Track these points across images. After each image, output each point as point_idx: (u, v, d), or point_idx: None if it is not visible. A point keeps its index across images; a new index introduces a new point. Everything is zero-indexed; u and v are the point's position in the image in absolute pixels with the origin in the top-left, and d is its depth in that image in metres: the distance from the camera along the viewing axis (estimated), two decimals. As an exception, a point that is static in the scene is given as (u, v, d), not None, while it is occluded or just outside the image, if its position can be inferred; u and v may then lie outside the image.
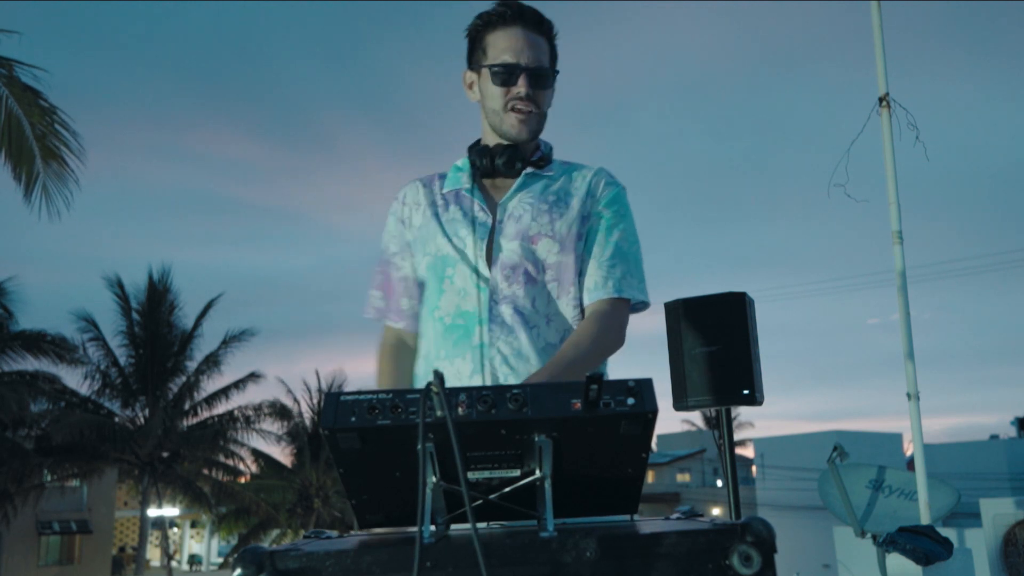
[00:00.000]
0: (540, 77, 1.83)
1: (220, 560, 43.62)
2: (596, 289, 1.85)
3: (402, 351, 1.95)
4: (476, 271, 1.83)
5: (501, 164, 1.87)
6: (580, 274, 1.87)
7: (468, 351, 1.79)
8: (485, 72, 1.85)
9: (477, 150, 1.91)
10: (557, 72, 1.90)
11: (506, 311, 1.80)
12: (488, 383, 1.75)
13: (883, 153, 4.30)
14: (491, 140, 1.91)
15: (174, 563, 40.15)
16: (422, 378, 1.90)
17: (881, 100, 4.27)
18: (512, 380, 1.75)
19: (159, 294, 24.30)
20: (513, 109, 1.84)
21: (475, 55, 1.89)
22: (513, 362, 1.77)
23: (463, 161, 1.96)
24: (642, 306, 1.92)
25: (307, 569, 1.05)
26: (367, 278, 2.04)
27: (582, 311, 1.87)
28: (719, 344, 3.47)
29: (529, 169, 1.90)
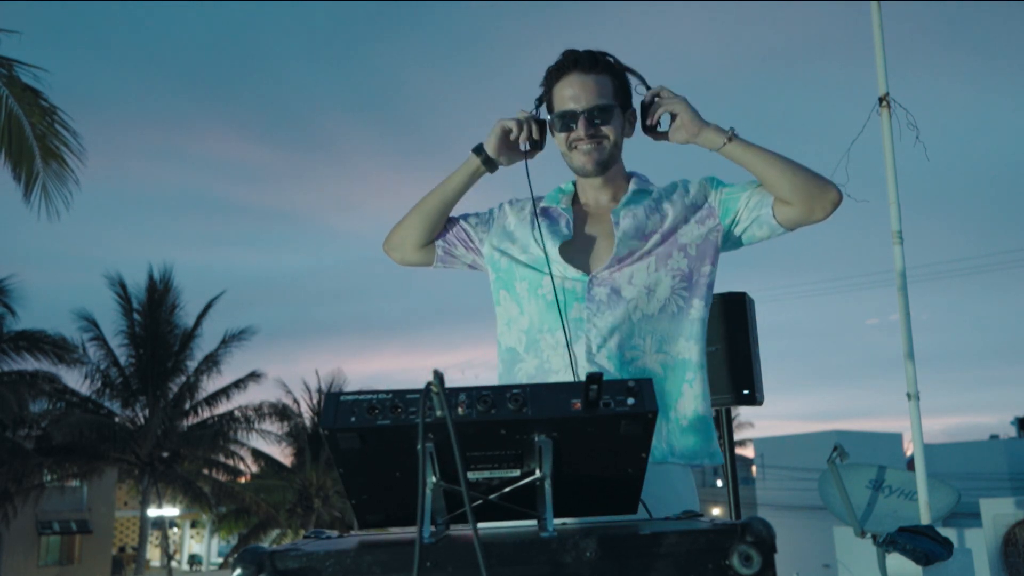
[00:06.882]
0: (599, 114, 1.89)
1: (220, 560, 43.58)
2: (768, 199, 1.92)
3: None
4: (584, 295, 1.87)
5: (605, 201, 1.99)
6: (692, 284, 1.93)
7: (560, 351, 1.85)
8: (553, 122, 1.96)
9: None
10: (628, 104, 1.97)
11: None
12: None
13: (883, 153, 4.29)
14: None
15: (174, 563, 40.13)
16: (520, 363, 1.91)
17: (881, 100, 4.26)
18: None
19: (160, 294, 24.28)
20: (576, 148, 1.92)
21: (548, 107, 1.99)
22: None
23: (567, 184, 2.06)
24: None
25: (307, 569, 1.05)
26: (367, 278, 2.07)
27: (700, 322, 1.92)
28: (719, 344, 3.47)
29: (635, 186, 1.98)
